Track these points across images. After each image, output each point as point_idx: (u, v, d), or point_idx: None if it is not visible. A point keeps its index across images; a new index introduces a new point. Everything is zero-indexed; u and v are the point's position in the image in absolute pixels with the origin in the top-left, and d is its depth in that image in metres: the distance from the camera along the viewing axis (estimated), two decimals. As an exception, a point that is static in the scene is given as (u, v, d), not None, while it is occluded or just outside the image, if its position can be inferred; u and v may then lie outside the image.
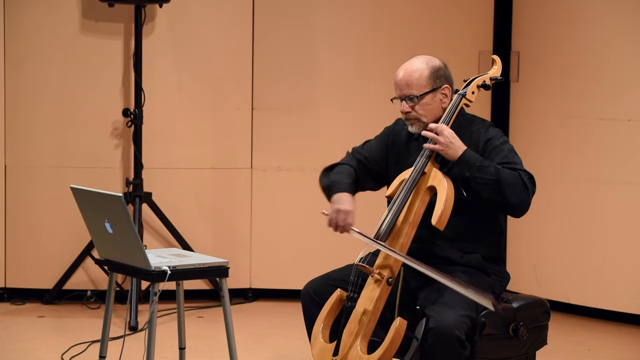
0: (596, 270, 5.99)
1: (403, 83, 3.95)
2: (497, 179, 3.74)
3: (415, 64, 3.97)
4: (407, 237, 3.82)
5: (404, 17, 6.33)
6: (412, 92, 3.94)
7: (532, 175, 3.81)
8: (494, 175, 3.75)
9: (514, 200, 3.76)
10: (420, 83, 3.93)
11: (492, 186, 3.75)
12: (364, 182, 4.12)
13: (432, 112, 3.95)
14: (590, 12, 5.99)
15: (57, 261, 6.16)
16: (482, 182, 3.75)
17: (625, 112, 5.86)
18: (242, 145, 6.34)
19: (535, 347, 4.02)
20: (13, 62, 6.12)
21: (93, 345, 5.23)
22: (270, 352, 5.32)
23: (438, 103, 3.96)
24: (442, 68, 3.98)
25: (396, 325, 3.68)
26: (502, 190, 3.74)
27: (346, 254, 4.17)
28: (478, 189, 3.77)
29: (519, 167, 3.81)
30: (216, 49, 6.27)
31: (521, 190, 3.76)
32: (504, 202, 3.77)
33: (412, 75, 3.94)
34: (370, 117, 6.23)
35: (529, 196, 3.78)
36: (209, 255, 4.32)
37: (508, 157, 3.84)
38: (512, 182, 3.75)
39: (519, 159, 3.86)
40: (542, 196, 6.14)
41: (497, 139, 3.91)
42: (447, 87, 3.97)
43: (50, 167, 6.18)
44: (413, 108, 3.95)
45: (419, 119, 3.95)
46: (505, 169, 3.77)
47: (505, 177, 3.75)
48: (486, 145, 3.89)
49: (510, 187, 3.75)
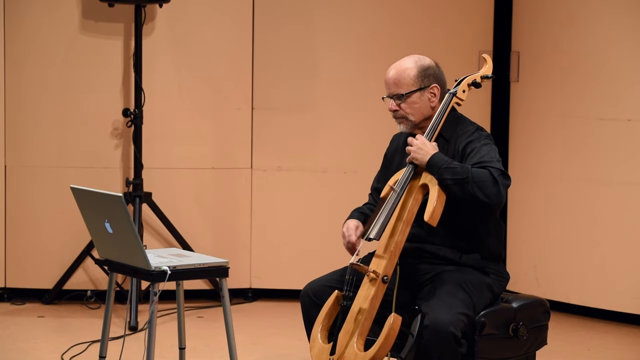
0: (596, 270, 5.99)
1: (391, 81, 3.99)
2: (464, 178, 3.76)
3: (405, 63, 4.00)
4: (401, 234, 3.83)
5: (404, 17, 6.33)
6: (399, 91, 3.97)
7: (505, 171, 3.82)
8: (462, 174, 3.77)
9: (484, 197, 3.76)
10: (407, 82, 3.96)
11: (461, 185, 3.77)
12: None
13: (419, 110, 3.97)
14: (589, 11, 5.99)
15: (57, 261, 6.16)
16: (452, 182, 3.78)
17: (625, 112, 5.86)
18: (242, 145, 6.34)
19: (535, 347, 4.02)
20: (13, 62, 6.12)
21: (93, 345, 5.23)
22: (270, 352, 5.32)
23: (426, 102, 3.98)
24: (432, 67, 4.00)
25: (390, 321, 3.70)
26: (472, 188, 3.76)
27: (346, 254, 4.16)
28: (450, 189, 3.79)
29: (490, 164, 3.81)
30: (216, 48, 6.27)
31: (491, 185, 3.76)
32: (475, 200, 3.77)
33: (400, 74, 3.97)
34: (370, 117, 6.23)
35: (499, 190, 3.77)
36: (209, 255, 4.32)
37: (483, 158, 3.85)
38: (480, 179, 3.76)
39: (494, 157, 3.85)
40: (542, 196, 6.17)
41: (477, 140, 3.92)
42: (436, 87, 3.98)
43: (50, 167, 6.18)
44: (400, 106, 3.97)
45: (406, 118, 3.99)
46: (475, 168, 3.79)
47: (473, 175, 3.76)
48: (465, 148, 3.91)
49: (479, 184, 3.75)
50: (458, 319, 3.69)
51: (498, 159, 3.85)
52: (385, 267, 3.80)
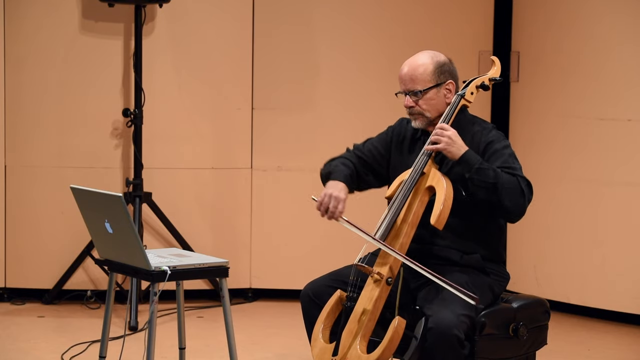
0: (596, 270, 5.99)
1: (407, 78, 3.96)
2: (495, 183, 3.75)
3: (420, 59, 3.98)
4: (406, 236, 3.83)
5: (404, 16, 6.33)
6: (416, 87, 3.94)
7: (530, 183, 3.82)
8: (493, 178, 3.75)
9: (509, 205, 3.76)
10: (424, 78, 3.94)
11: (489, 189, 3.75)
12: (364, 177, 4.10)
13: (435, 107, 3.96)
14: (589, 11, 5.99)
15: (57, 261, 6.16)
16: (480, 185, 3.76)
17: (625, 112, 5.86)
18: (242, 145, 6.34)
19: (535, 347, 4.02)
20: (13, 62, 6.12)
21: (93, 345, 5.23)
22: (270, 352, 5.32)
23: (442, 98, 3.96)
24: (447, 63, 3.99)
25: (395, 324, 3.69)
26: (499, 194, 3.75)
27: (346, 254, 4.17)
28: (475, 190, 3.78)
29: (518, 172, 3.81)
30: (216, 48, 6.27)
31: (518, 196, 3.77)
32: (499, 206, 3.77)
33: (416, 70, 3.95)
34: (371, 116, 6.23)
35: (524, 202, 3.79)
36: (209, 255, 4.32)
37: (508, 162, 3.84)
38: (509, 186, 3.75)
39: (518, 165, 3.86)
40: (542, 196, 6.16)
41: (498, 142, 3.91)
42: (452, 83, 3.97)
43: (50, 167, 6.18)
44: (417, 103, 3.95)
45: (422, 114, 3.97)
46: (505, 174, 3.78)
47: (503, 182, 3.75)
48: (487, 148, 3.89)
49: (508, 191, 3.75)
50: (461, 321, 3.69)
51: (520, 166, 3.85)
52: (390, 269, 3.80)
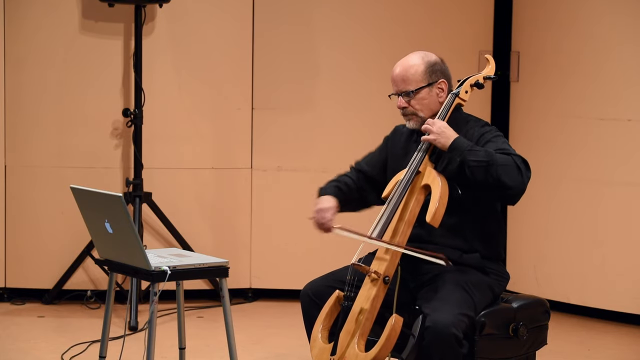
0: (596, 270, 5.99)
1: (399, 79, 3.98)
2: (488, 160, 3.74)
3: (411, 60, 4.00)
4: (403, 235, 3.83)
5: (405, 16, 6.33)
6: (408, 87, 3.97)
7: (526, 160, 3.80)
8: (486, 156, 3.75)
9: (507, 181, 3.74)
10: (416, 78, 3.96)
11: (484, 167, 3.74)
12: (366, 193, 4.16)
13: (428, 106, 3.98)
14: (589, 11, 5.99)
15: (57, 261, 6.16)
16: (475, 165, 3.75)
17: (625, 112, 5.86)
18: (242, 145, 6.34)
19: (535, 347, 4.02)
20: (13, 62, 6.12)
21: (93, 345, 5.23)
22: (270, 352, 5.32)
23: (435, 97, 3.98)
24: (438, 63, 4.01)
25: (392, 322, 3.69)
26: (496, 172, 3.73)
27: (346, 254, 4.16)
28: (471, 172, 3.76)
29: (513, 153, 3.81)
30: (216, 48, 6.27)
31: (515, 172, 3.75)
32: (498, 185, 3.74)
33: (408, 70, 3.97)
34: (371, 116, 6.23)
35: (523, 179, 3.77)
36: (209, 255, 4.33)
37: (501, 146, 3.84)
38: (504, 163, 3.75)
39: (512, 149, 3.86)
40: (542, 196, 6.17)
41: (490, 133, 3.93)
42: (444, 82, 3.99)
43: (50, 167, 6.18)
44: (409, 103, 3.98)
45: (416, 114, 3.98)
46: (498, 153, 3.78)
47: (497, 159, 3.75)
48: (480, 140, 3.91)
49: (503, 168, 3.74)
50: (459, 320, 3.69)
51: (515, 151, 3.85)
52: (386, 268, 3.80)
